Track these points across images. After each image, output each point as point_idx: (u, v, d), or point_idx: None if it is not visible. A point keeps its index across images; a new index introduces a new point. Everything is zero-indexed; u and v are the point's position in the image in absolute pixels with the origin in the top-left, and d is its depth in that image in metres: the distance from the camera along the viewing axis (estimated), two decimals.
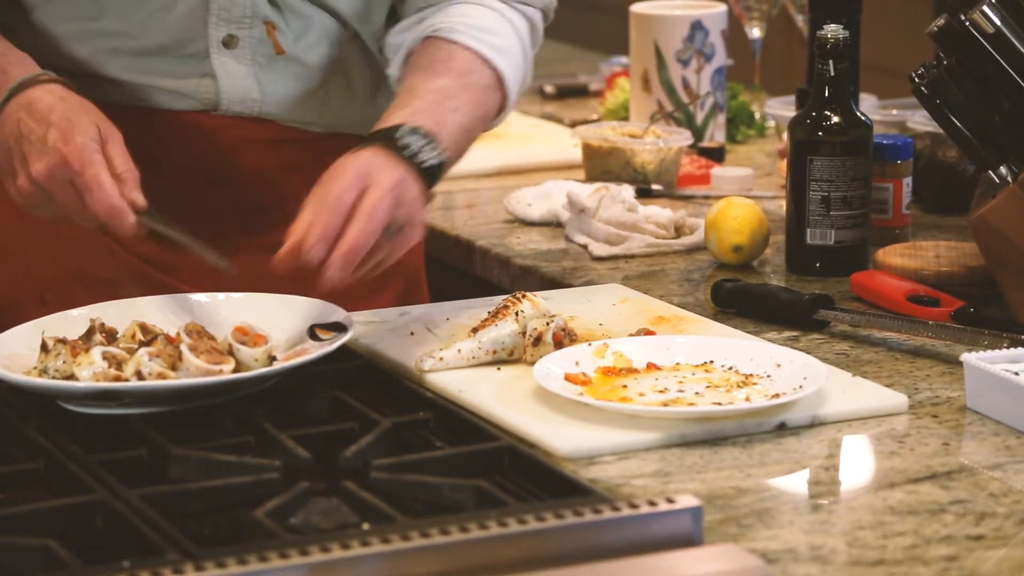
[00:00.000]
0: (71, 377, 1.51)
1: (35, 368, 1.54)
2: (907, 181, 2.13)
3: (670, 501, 1.30)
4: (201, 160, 1.86)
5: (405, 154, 1.64)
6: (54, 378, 1.52)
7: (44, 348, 1.54)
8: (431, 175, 1.66)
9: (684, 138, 2.42)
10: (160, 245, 1.81)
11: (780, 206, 2.24)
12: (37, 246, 1.88)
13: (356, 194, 1.59)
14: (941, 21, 1.83)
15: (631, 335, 1.71)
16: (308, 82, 1.85)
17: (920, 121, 2.48)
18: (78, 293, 1.80)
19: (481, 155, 2.52)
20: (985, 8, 1.79)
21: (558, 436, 1.49)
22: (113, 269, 1.85)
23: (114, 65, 1.82)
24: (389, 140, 1.65)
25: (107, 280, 1.85)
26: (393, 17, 1.88)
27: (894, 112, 2.60)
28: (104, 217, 1.62)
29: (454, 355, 1.65)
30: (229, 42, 1.81)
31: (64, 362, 1.52)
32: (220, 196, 1.87)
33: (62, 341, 1.54)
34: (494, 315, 1.68)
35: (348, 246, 1.56)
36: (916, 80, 1.86)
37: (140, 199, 1.63)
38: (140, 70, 1.82)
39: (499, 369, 1.65)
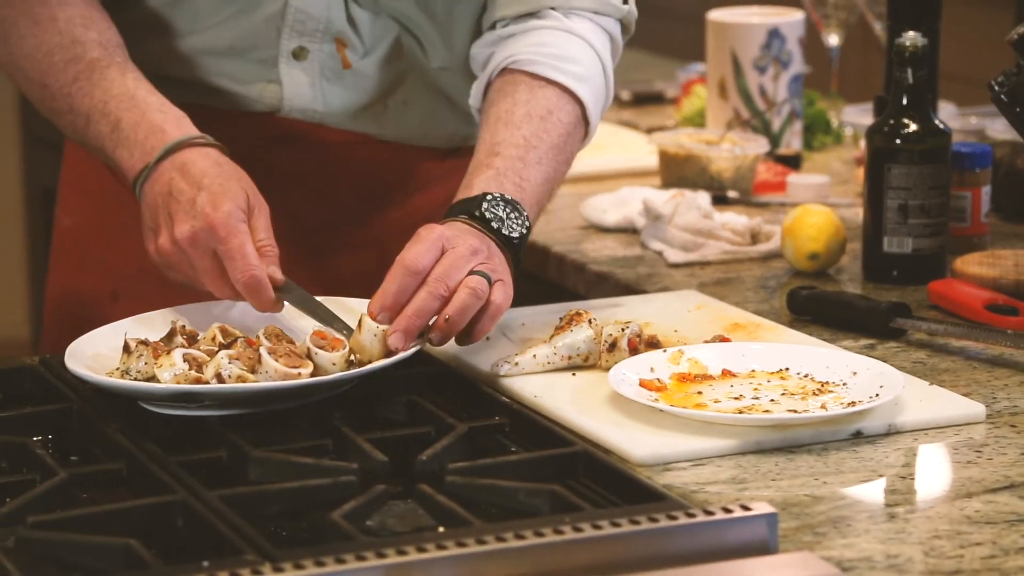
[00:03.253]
0: (152, 379, 1.53)
1: (117, 369, 1.56)
2: (986, 190, 2.11)
3: (745, 508, 1.30)
4: (260, 159, 1.85)
5: (492, 227, 1.64)
6: (136, 379, 1.54)
7: (126, 349, 1.56)
8: (517, 246, 1.66)
9: (760, 145, 2.42)
10: None
11: (856, 214, 2.23)
12: (110, 241, 1.89)
13: (432, 259, 1.58)
14: (1022, 28, 1.82)
15: (706, 342, 1.71)
16: (369, 96, 1.85)
17: (1000, 129, 2.46)
18: (150, 289, 1.81)
19: None
20: None
21: (633, 442, 1.49)
22: None
23: (182, 63, 1.83)
24: (474, 214, 1.65)
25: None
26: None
27: (973, 120, 2.58)
28: (244, 289, 1.60)
29: (530, 360, 1.65)
30: (299, 53, 1.82)
31: (146, 363, 1.54)
32: (279, 195, 1.87)
33: (144, 343, 1.56)
34: (568, 321, 1.69)
35: (410, 312, 1.56)
36: (996, 88, 1.85)
37: (279, 274, 1.62)
38: (207, 70, 1.83)
39: (574, 375, 1.65)
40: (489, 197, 1.66)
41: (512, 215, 1.65)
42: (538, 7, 1.79)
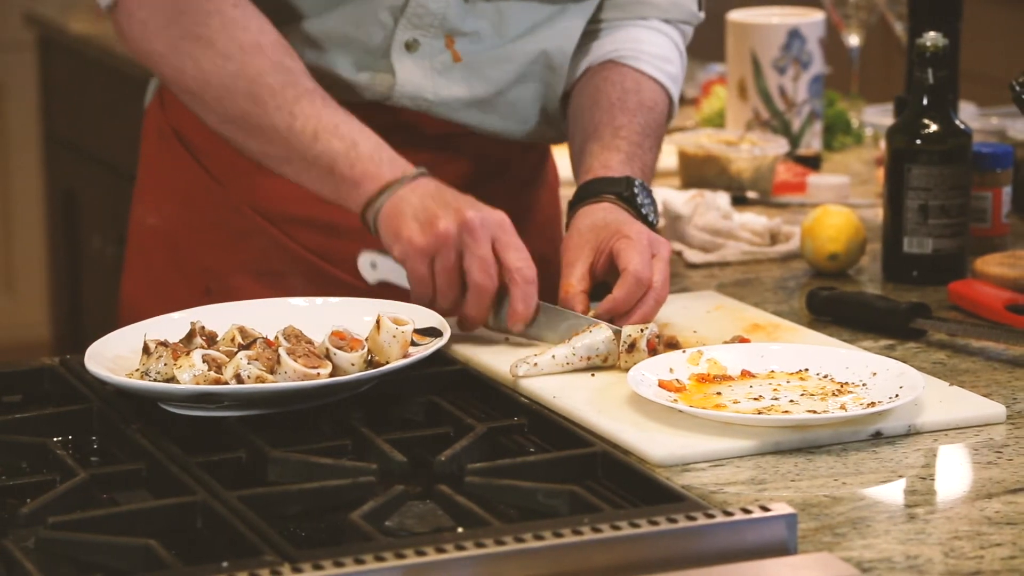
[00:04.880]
0: (172, 379, 1.53)
1: (137, 370, 1.57)
2: (1007, 190, 2.11)
3: (764, 509, 1.30)
4: None
5: (642, 212, 1.76)
6: (155, 380, 1.54)
7: (146, 351, 1.57)
8: (653, 230, 1.77)
9: (780, 146, 2.41)
10: (326, 237, 1.84)
11: (876, 214, 2.23)
12: (204, 235, 1.90)
13: (650, 268, 1.70)
14: None
15: (725, 342, 1.71)
16: (477, 92, 1.87)
17: (1021, 129, 2.45)
18: (243, 284, 1.83)
19: (566, 163, 2.52)
20: None
21: (652, 442, 1.49)
22: (279, 261, 1.88)
23: (302, 50, 1.83)
24: (625, 195, 1.76)
25: (273, 272, 1.87)
26: None
27: (994, 120, 2.57)
28: (475, 289, 1.65)
29: (548, 361, 1.65)
30: (411, 45, 1.84)
31: (165, 364, 1.54)
32: None
33: (163, 344, 1.57)
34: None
35: (637, 320, 1.68)
36: (1017, 88, 1.85)
37: (534, 297, 1.70)
38: (320, 55, 1.84)
39: (593, 375, 1.65)
40: (637, 183, 1.77)
41: (652, 203, 1.79)
42: (643, 15, 1.89)
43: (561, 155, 2.10)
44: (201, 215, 1.91)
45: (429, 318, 1.67)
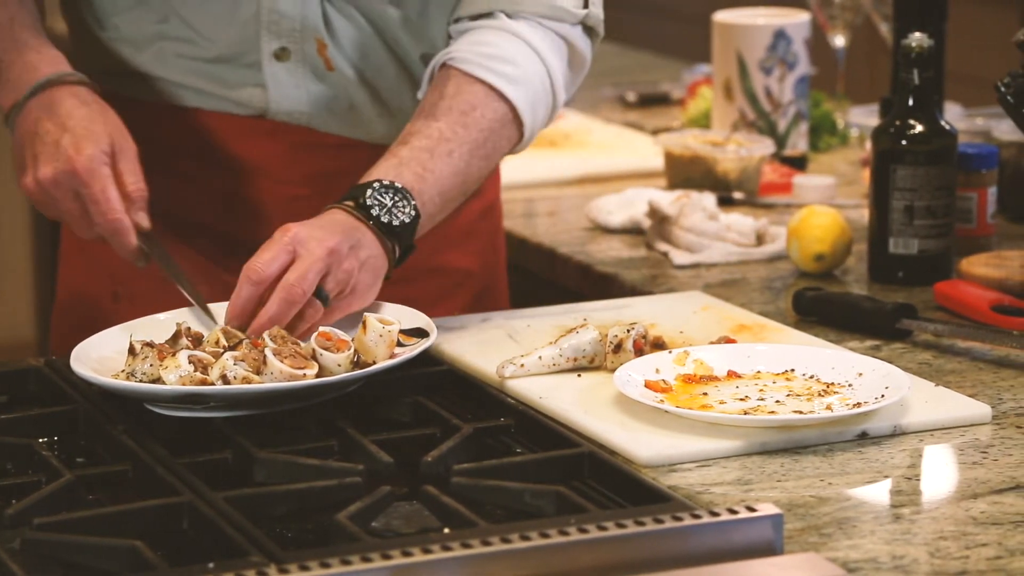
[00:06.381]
0: (158, 380, 1.53)
1: (123, 371, 1.57)
2: (992, 190, 2.11)
3: (751, 509, 1.30)
4: (252, 161, 1.86)
5: (371, 214, 1.66)
6: (141, 381, 1.54)
7: (131, 352, 1.57)
8: (402, 233, 1.67)
9: (766, 146, 2.42)
10: (228, 245, 1.82)
11: (862, 215, 2.23)
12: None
13: (280, 266, 1.60)
14: None
15: (712, 343, 1.71)
16: (360, 101, 1.85)
17: (1006, 130, 2.46)
18: (149, 289, 1.81)
19: (563, 163, 2.53)
20: None
21: (638, 443, 1.49)
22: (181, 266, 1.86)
23: (175, 69, 1.84)
24: (358, 200, 1.66)
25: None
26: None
27: (979, 121, 2.58)
28: (106, 233, 1.65)
29: (535, 362, 1.65)
30: (281, 55, 1.82)
31: (151, 365, 1.54)
32: (269, 195, 1.87)
33: (149, 345, 1.56)
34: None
35: (264, 321, 1.58)
36: (1002, 89, 1.85)
37: (145, 220, 1.66)
38: (199, 76, 1.84)
39: (580, 376, 1.65)
40: (376, 184, 1.68)
41: (400, 203, 1.67)
42: (489, 9, 1.79)
43: (551, 156, 2.10)
44: None
45: (416, 319, 1.67)
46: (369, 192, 1.67)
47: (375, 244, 1.66)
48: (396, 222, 1.67)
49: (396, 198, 1.67)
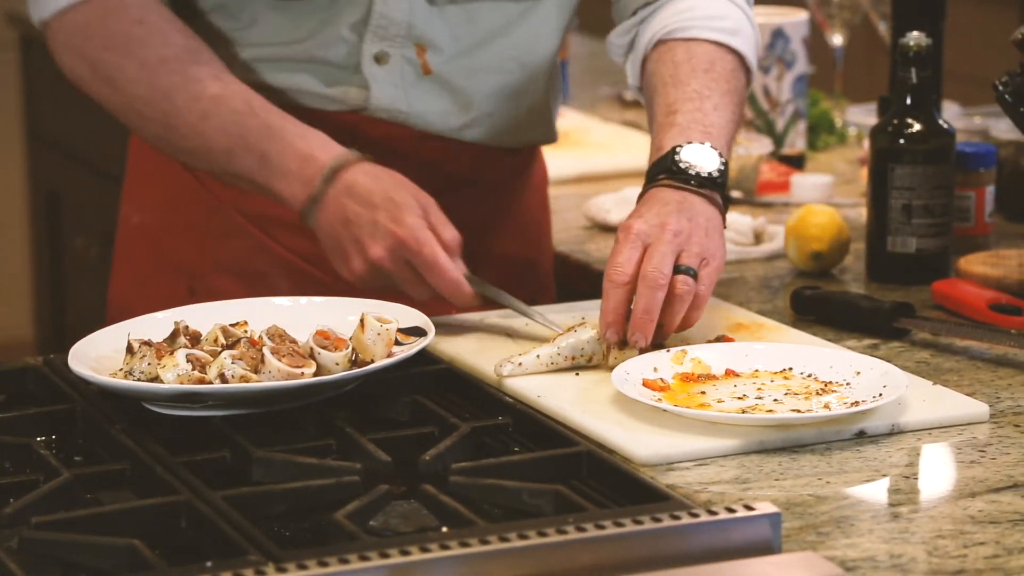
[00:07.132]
0: (156, 379, 1.53)
1: (121, 370, 1.57)
2: (990, 189, 2.11)
3: (748, 508, 1.30)
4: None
5: (689, 175, 1.71)
6: (139, 380, 1.54)
7: (129, 350, 1.56)
8: (716, 181, 1.72)
9: (764, 145, 2.42)
10: (309, 239, 1.84)
11: (860, 214, 2.23)
12: (187, 236, 1.91)
13: (635, 263, 1.65)
14: None
15: (709, 341, 1.71)
16: (455, 103, 1.88)
17: (1004, 129, 2.46)
18: (226, 285, 1.84)
19: (561, 162, 2.53)
20: None
21: (636, 442, 1.49)
22: (263, 262, 1.88)
23: (269, 71, 1.85)
24: (671, 169, 1.72)
25: (256, 272, 1.88)
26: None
27: (977, 120, 2.58)
28: (446, 292, 1.70)
29: (533, 360, 1.65)
30: (381, 58, 1.84)
31: (149, 364, 1.54)
32: None
33: (147, 343, 1.56)
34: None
35: (640, 313, 1.63)
36: (1000, 88, 1.85)
37: (462, 266, 1.72)
38: (293, 76, 1.85)
39: (578, 375, 1.65)
40: (678, 148, 1.73)
41: (705, 155, 1.73)
42: None
43: (549, 154, 2.10)
44: (183, 215, 1.91)
45: (413, 317, 1.67)
46: (675, 158, 1.72)
47: (705, 204, 1.71)
48: (712, 170, 1.72)
49: (699, 153, 1.73)
